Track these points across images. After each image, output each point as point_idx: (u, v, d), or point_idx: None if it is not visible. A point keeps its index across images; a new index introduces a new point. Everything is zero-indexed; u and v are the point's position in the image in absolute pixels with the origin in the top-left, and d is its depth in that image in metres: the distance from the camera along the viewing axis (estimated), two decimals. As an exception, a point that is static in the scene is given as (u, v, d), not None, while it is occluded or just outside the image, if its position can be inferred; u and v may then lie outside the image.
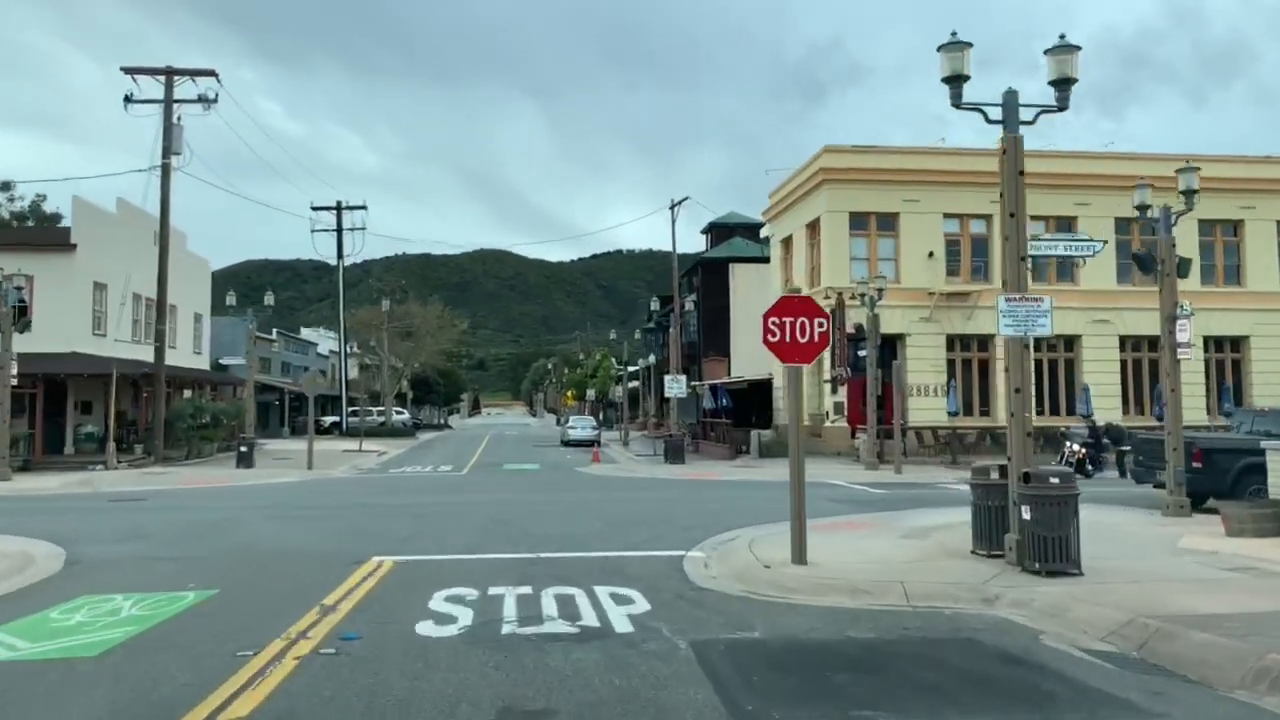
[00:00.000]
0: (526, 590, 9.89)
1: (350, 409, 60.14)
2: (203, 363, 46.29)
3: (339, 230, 57.48)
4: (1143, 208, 17.43)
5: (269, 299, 32.87)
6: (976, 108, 11.24)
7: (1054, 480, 10.24)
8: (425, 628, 8.13)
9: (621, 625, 8.19)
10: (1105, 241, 15.77)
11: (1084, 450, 27.42)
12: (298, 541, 14.24)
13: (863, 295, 30.24)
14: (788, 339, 10.99)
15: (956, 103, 11.16)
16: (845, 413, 35.23)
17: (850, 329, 34.01)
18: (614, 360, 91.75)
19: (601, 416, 73.07)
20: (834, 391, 35.13)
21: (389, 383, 62.03)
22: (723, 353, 52.20)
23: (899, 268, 35.94)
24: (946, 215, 36.27)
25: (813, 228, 37.82)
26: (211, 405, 38.16)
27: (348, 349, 62.47)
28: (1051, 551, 10.05)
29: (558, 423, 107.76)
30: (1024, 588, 9.56)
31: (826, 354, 35.45)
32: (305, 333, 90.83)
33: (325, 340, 77.65)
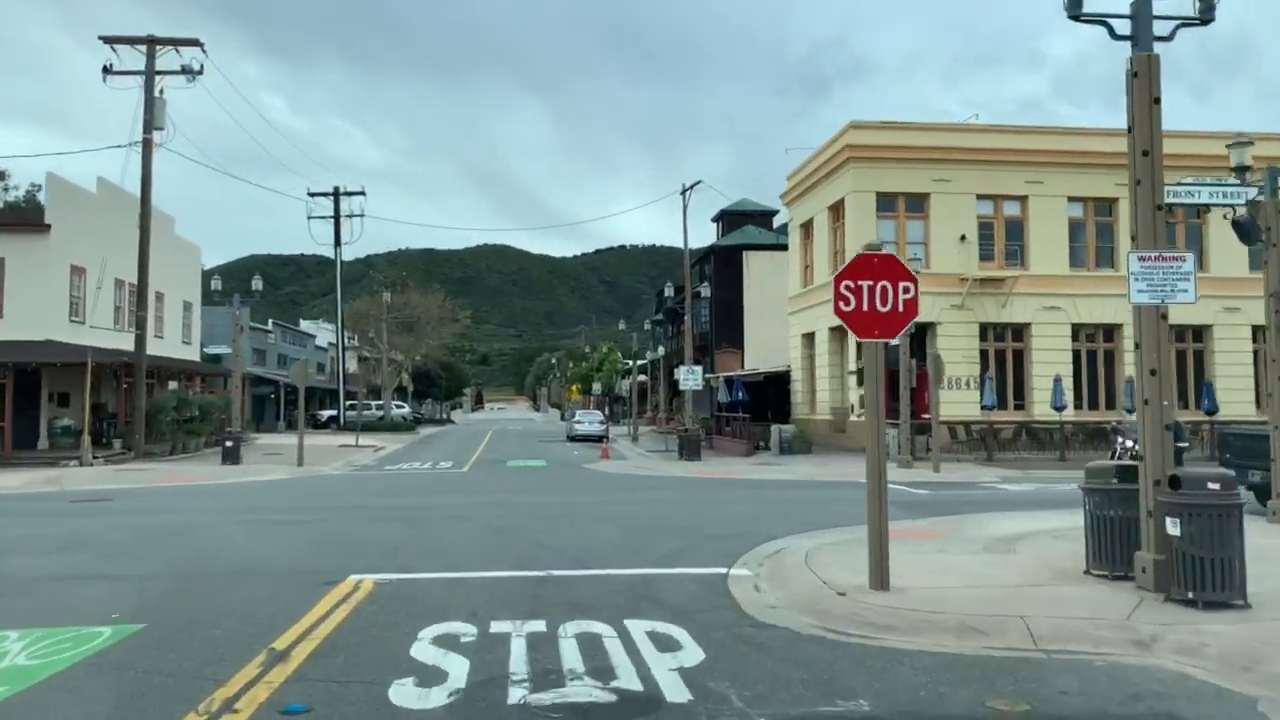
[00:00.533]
0: (539, 627, 7.70)
1: (349, 403, 58.02)
2: (192, 353, 44.14)
3: (336, 217, 55.33)
4: (1241, 169, 15.17)
5: (256, 283, 30.69)
6: (1100, 20, 8.99)
7: (1212, 486, 8.03)
8: (402, 692, 5.93)
9: (674, 689, 5.98)
10: (1257, 188, 13.42)
11: (1137, 447, 25.16)
12: (265, 554, 12.08)
13: (895, 279, 27.96)
14: (865, 307, 8.79)
15: (1074, 13, 8.91)
16: (872, 406, 32.99)
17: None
18: (620, 354, 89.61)
19: (608, 411, 70.84)
20: (859, 383, 32.88)
21: (388, 376, 59.86)
22: (736, 344, 49.99)
23: (929, 252, 33.70)
24: (979, 196, 34.00)
25: (836, 210, 35.58)
26: (198, 398, 36.00)
27: (346, 341, 60.31)
28: (1211, 577, 7.85)
29: (562, 418, 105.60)
30: (1185, 625, 7.36)
31: (851, 344, 33.26)
32: (305, 325, 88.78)
33: (324, 332, 75.47)
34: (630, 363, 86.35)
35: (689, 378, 31.69)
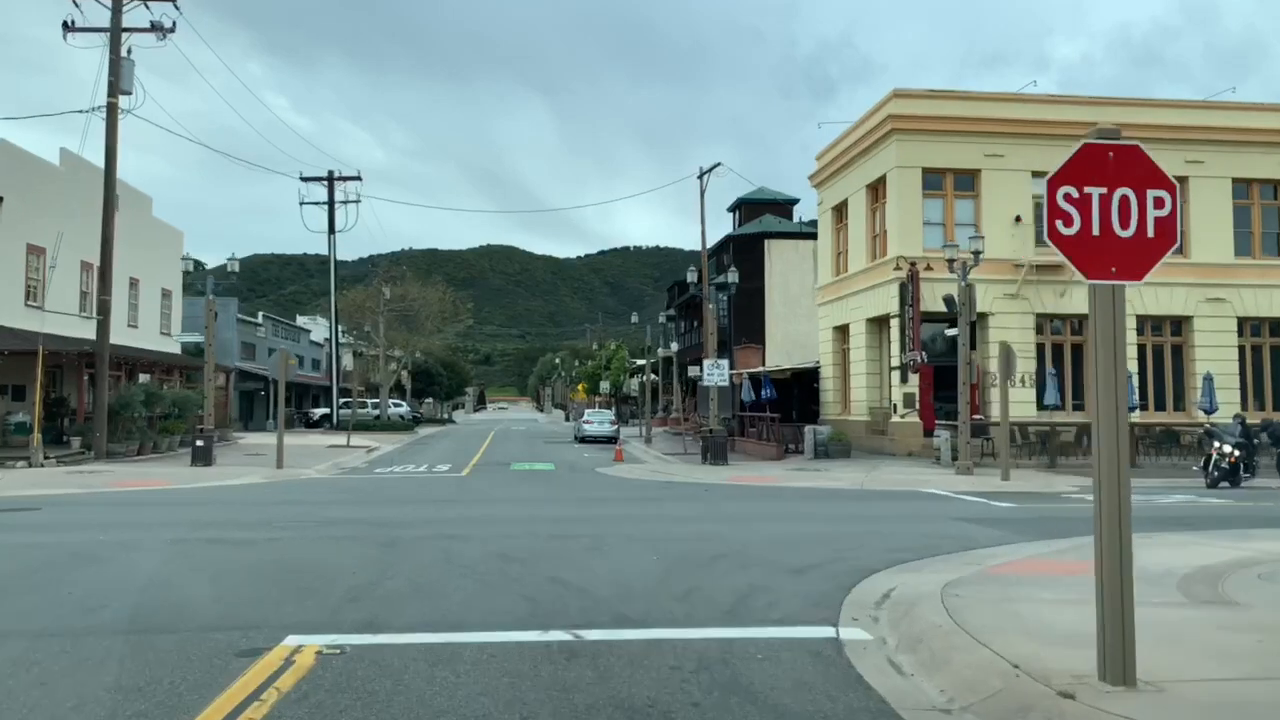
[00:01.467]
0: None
1: (343, 401, 54.84)
2: (172, 346, 40.96)
3: (330, 203, 52.21)
4: None
5: (233, 265, 27.45)
6: None
7: None
8: None
9: None
10: None
11: (1236, 452, 21.94)
12: (185, 595, 8.82)
13: (951, 262, 24.75)
14: (1095, 230, 5.48)
15: None
16: (918, 406, 29.74)
17: (914, 305, 28.50)
18: (628, 352, 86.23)
19: (615, 412, 67.51)
20: (904, 380, 29.64)
21: (385, 372, 56.59)
22: (756, 340, 46.74)
23: (980, 235, 30.36)
24: (1035, 174, 30.63)
25: (875, 189, 32.31)
26: (173, 393, 32.79)
27: (342, 336, 57.08)
28: None
29: (567, 418, 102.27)
30: None
31: (895, 333, 30.05)
32: (301, 321, 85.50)
33: (320, 328, 72.19)
34: (640, 361, 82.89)
35: (714, 372, 28.42)
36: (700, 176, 45.21)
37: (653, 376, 79.43)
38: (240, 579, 9.59)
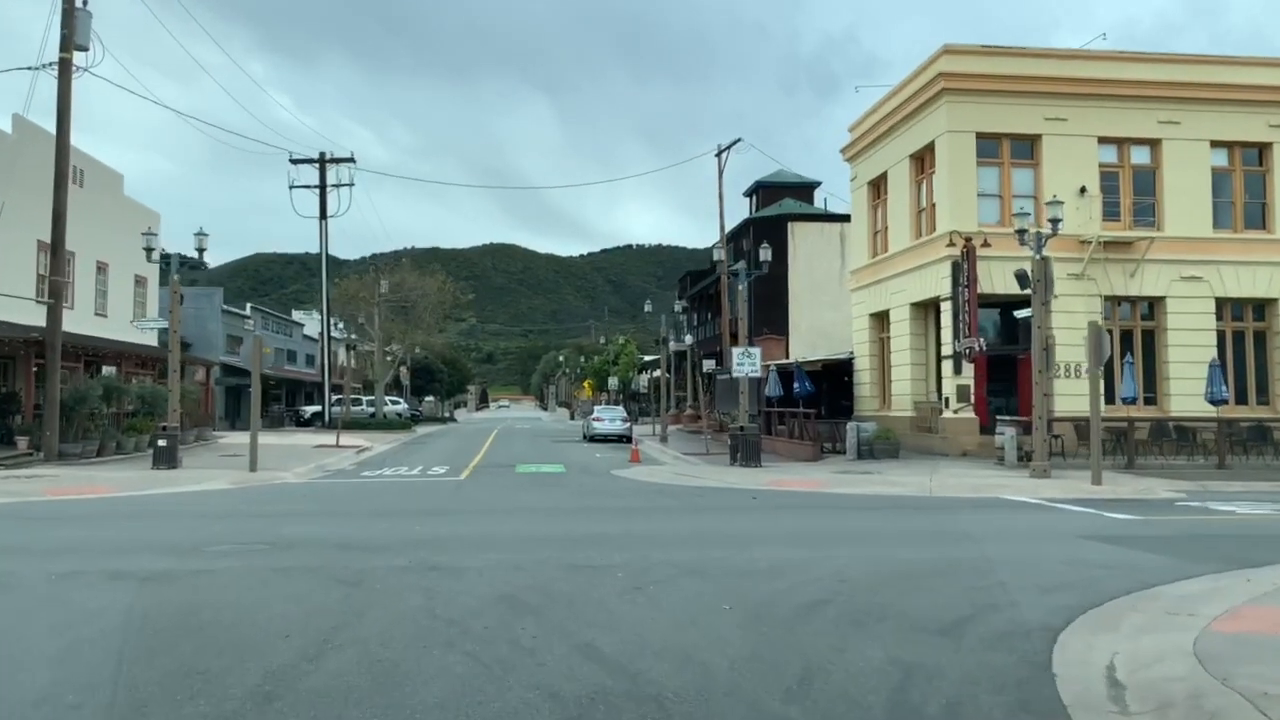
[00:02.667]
0: None
1: (336, 398, 51.60)
2: (148, 337, 37.71)
3: (322, 186, 48.95)
4: None
5: (202, 242, 24.14)
6: None
7: None
8: None
9: None
10: None
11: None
12: None
13: (1021, 233, 21.47)
14: None
15: None
16: (972, 399, 26.48)
17: (969, 285, 25.25)
18: (637, 347, 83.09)
19: (623, 409, 64.26)
20: (956, 371, 26.36)
21: (380, 367, 53.31)
22: (779, 330, 43.44)
23: (1040, 207, 27.12)
24: (1102, 140, 27.44)
25: (921, 159, 29.02)
26: (139, 387, 29.57)
27: (334, 327, 53.83)
28: None
29: (572, 416, 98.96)
30: None
31: (946, 318, 26.81)
32: (298, 315, 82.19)
33: (315, 322, 68.95)
34: (649, 357, 79.55)
35: (744, 362, 25.10)
36: (719, 154, 42.04)
37: (661, 373, 76.30)
38: (107, 650, 6.34)
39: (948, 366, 26.79)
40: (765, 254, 26.69)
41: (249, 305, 58.38)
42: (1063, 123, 26.95)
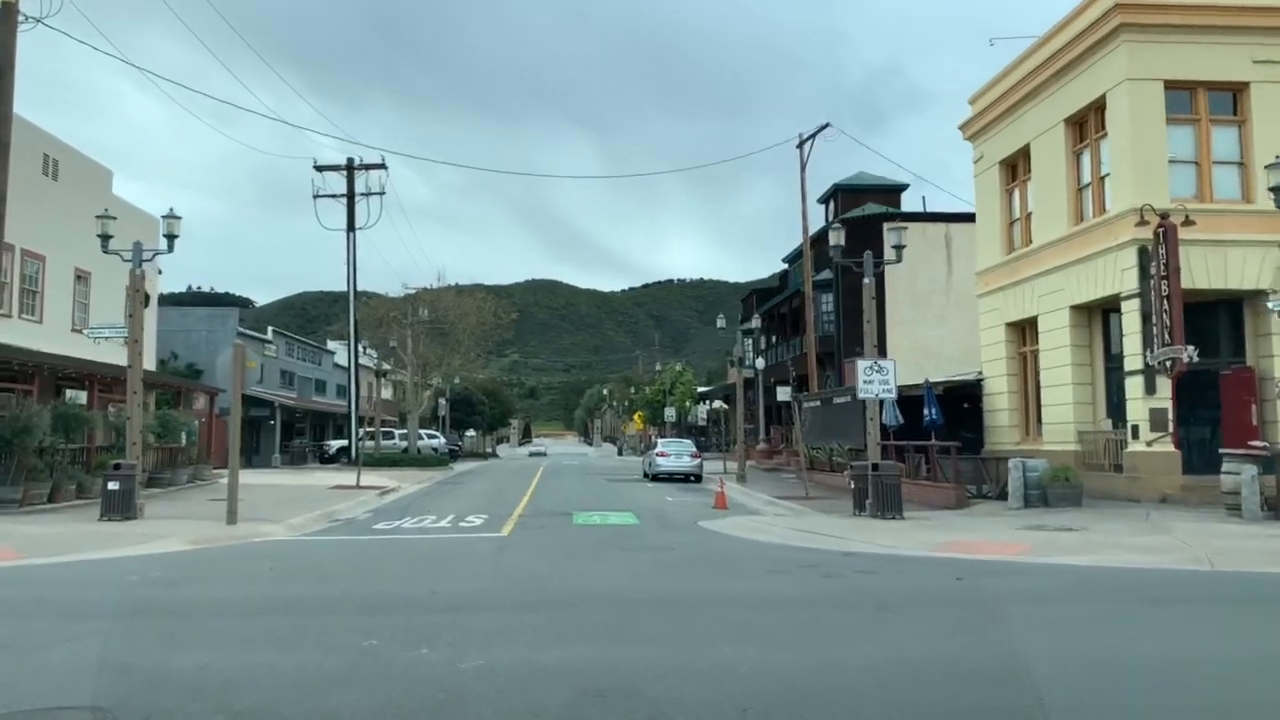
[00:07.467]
0: None
1: (365, 430, 46.14)
2: (145, 361, 32.47)
3: (350, 195, 43.94)
4: None
5: (171, 227, 18.82)
6: None
7: None
8: None
9: None
10: None
11: None
12: None
13: (1276, 191, 15.24)
14: None
15: None
16: (1170, 428, 20.13)
17: (1168, 277, 19.02)
18: (692, 375, 77.10)
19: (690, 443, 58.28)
20: (1149, 391, 20.08)
21: (414, 396, 47.78)
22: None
23: (1247, 177, 20.91)
24: (1327, 89, 21.12)
25: (1082, 122, 22.96)
26: (104, 415, 24.18)
27: (363, 352, 48.52)
28: None
29: (620, 452, 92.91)
30: None
31: (1130, 322, 20.63)
32: (331, 345, 77.39)
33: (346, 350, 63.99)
34: (703, 388, 73.62)
35: (873, 378, 19.00)
36: (800, 145, 36.39)
37: (719, 404, 70.20)
38: None
39: (1133, 385, 20.49)
40: (896, 240, 20.64)
41: (270, 329, 53.41)
42: (1276, 65, 20.77)
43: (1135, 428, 20.39)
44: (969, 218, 35.70)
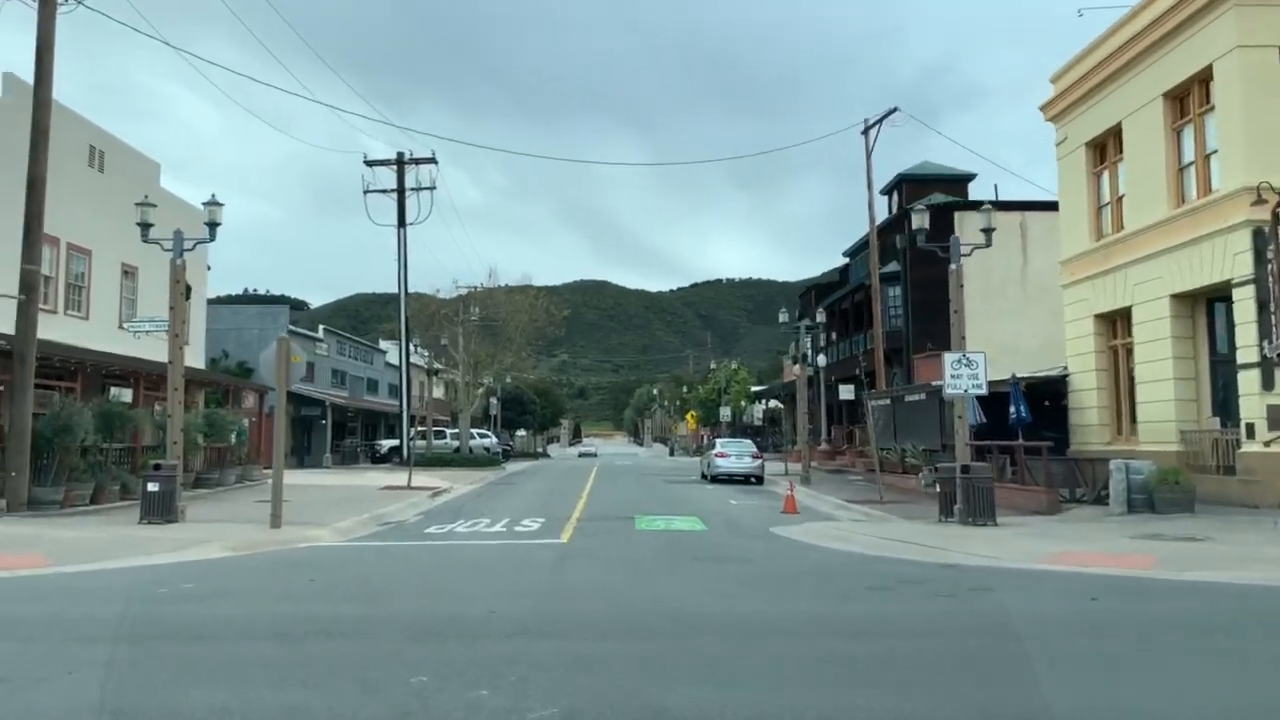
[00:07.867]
0: None
1: (417, 429, 45.38)
2: (194, 359, 31.97)
3: (400, 190, 43.20)
4: None
5: (214, 214, 17.97)
6: None
7: None
8: None
9: None
10: None
11: None
12: None
13: None
14: None
15: None
16: (1289, 425, 18.29)
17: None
18: (748, 373, 75.52)
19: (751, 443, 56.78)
20: (1267, 386, 18.28)
21: (466, 394, 46.96)
22: (943, 346, 35.44)
23: (1375, 153, 18.98)
24: None
25: (1183, 96, 21.17)
26: (148, 413, 23.48)
27: (414, 350, 47.82)
28: None
29: (671, 452, 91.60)
30: None
31: (1245, 310, 18.86)
32: (384, 344, 77.20)
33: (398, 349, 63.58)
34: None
35: (961, 372, 17.58)
36: (866, 130, 34.85)
37: (774, 403, 68.57)
38: None
39: (1247, 380, 18.70)
40: (984, 222, 19.09)
41: (321, 327, 53.01)
42: (1407, 31, 18.83)
43: (1250, 426, 18.60)
44: (1046, 205, 33.85)
